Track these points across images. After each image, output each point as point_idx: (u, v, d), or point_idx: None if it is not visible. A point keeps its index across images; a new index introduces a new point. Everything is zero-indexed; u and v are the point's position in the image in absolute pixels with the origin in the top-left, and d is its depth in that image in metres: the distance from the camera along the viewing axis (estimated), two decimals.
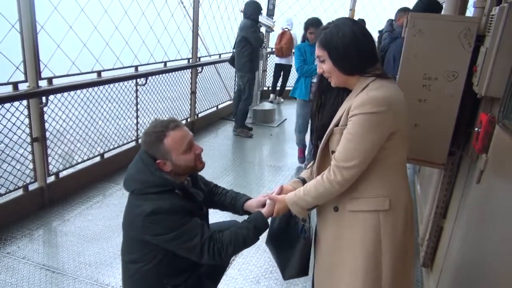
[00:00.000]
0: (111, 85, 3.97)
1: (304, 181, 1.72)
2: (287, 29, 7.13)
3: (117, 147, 4.23)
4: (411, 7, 3.49)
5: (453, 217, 2.26)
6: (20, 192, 3.17)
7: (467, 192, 2.04)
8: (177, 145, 1.60)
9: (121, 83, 4.10)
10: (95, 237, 2.96)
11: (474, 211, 1.85)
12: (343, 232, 1.52)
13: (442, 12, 2.76)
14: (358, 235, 1.48)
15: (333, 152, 1.46)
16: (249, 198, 1.90)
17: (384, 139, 1.38)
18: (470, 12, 2.98)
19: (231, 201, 1.93)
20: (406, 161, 1.54)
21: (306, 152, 4.48)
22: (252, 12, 5.28)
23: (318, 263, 1.67)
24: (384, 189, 1.45)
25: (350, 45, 1.39)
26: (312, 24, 4.08)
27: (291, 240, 1.73)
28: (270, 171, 4.57)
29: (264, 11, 7.02)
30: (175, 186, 1.63)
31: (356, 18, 6.41)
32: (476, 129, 1.81)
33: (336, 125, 1.44)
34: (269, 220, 1.72)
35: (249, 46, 5.26)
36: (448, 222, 2.41)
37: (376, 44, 2.84)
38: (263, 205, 1.75)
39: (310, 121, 4.01)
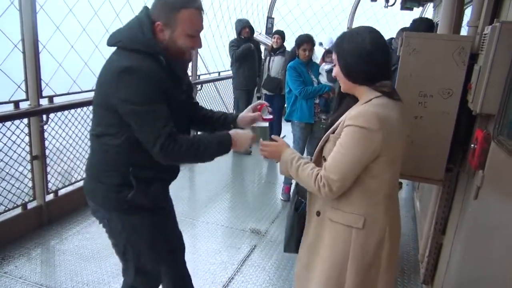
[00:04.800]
0: None
1: None
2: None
3: None
4: (405, 25, 3.59)
5: (452, 233, 2.26)
6: (18, 210, 3.16)
7: (465, 208, 2.04)
8: (190, 24, 1.50)
9: None
10: (93, 256, 2.94)
11: (473, 227, 1.85)
12: (320, 236, 1.56)
13: (438, 31, 2.82)
14: (330, 243, 1.52)
15: (324, 158, 1.49)
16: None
17: (368, 157, 1.38)
18: (465, 30, 3.04)
19: (222, 115, 1.84)
20: (394, 186, 1.52)
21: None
22: (236, 29, 5.45)
23: (299, 258, 1.71)
24: (361, 209, 1.45)
25: (358, 54, 1.39)
26: (307, 40, 3.84)
27: (291, 216, 1.78)
28: (270, 187, 4.57)
29: (263, 30, 7.15)
30: (160, 52, 1.49)
31: None
32: (472, 145, 1.83)
33: (333, 132, 1.47)
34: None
35: (236, 62, 5.38)
36: (447, 238, 2.41)
37: None
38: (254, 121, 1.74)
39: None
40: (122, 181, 1.59)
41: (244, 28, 5.36)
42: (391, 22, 8.89)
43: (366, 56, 1.39)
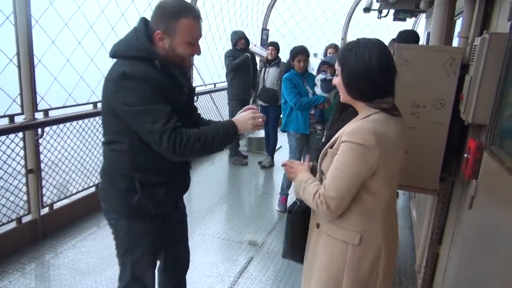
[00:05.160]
0: None
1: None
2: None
3: None
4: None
5: (448, 243, 2.26)
6: (13, 224, 3.14)
7: (461, 217, 2.05)
8: (189, 32, 1.55)
9: None
10: (88, 270, 2.92)
11: (468, 236, 1.86)
12: (318, 248, 1.56)
13: (429, 41, 2.85)
14: (326, 257, 1.51)
15: (322, 172, 1.49)
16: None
17: (366, 174, 1.36)
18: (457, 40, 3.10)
19: (218, 122, 1.84)
20: (391, 201, 1.51)
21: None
22: (231, 41, 5.50)
23: (304, 265, 1.70)
24: (358, 226, 1.44)
25: (361, 70, 1.36)
26: (301, 52, 3.88)
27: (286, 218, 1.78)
28: (266, 198, 4.56)
29: (258, 42, 7.21)
30: (154, 56, 1.53)
31: None
32: (465, 155, 1.85)
33: (331, 146, 1.45)
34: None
35: (231, 73, 5.42)
36: (443, 248, 2.41)
37: None
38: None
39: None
40: (128, 186, 1.63)
41: (240, 39, 5.42)
42: (384, 33, 9.01)
43: (372, 76, 1.36)
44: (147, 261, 1.81)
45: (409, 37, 3.38)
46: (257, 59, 6.02)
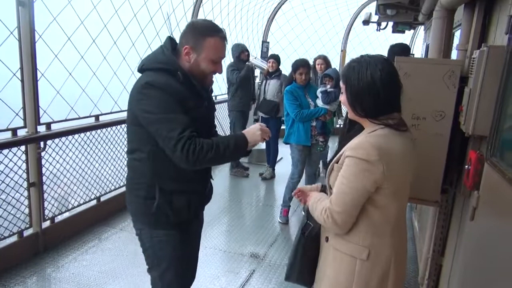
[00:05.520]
0: (109, 128, 4.03)
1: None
2: None
3: (114, 189, 4.22)
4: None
5: (451, 255, 2.25)
6: (14, 238, 3.13)
7: (463, 229, 2.05)
8: (214, 50, 1.66)
9: (118, 126, 4.17)
10: (89, 284, 2.90)
11: (471, 248, 1.85)
12: (327, 262, 1.55)
13: (428, 53, 2.88)
14: (334, 271, 1.50)
15: (330, 186, 1.49)
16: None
17: (370, 189, 1.36)
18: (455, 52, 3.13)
19: (229, 134, 1.93)
20: (400, 218, 1.49)
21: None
22: (233, 53, 5.54)
23: (316, 275, 1.68)
24: (366, 240, 1.43)
25: (365, 89, 1.36)
26: (302, 65, 3.89)
27: (297, 239, 1.72)
28: (268, 210, 4.55)
29: (258, 54, 7.27)
30: (177, 67, 1.64)
31: (348, 58, 6.54)
32: (466, 166, 1.85)
33: (337, 161, 1.46)
34: None
35: (233, 85, 5.44)
36: (446, 260, 2.39)
37: None
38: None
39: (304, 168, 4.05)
40: (148, 193, 1.71)
41: (243, 51, 5.47)
42: (384, 45, 9.08)
43: (374, 94, 1.36)
44: (175, 272, 1.85)
45: (400, 51, 3.45)
46: (257, 71, 6.08)
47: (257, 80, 6.69)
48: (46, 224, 3.39)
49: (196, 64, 1.68)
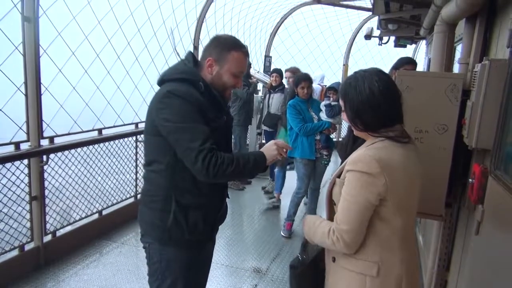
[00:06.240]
0: (111, 142, 4.04)
1: None
2: (325, 86, 7.15)
3: (116, 203, 4.21)
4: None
5: (457, 270, 2.21)
6: (15, 252, 3.11)
7: (468, 243, 2.02)
8: (236, 64, 1.68)
9: (121, 140, 4.18)
10: None
11: (476, 263, 1.82)
12: (336, 283, 1.50)
13: (430, 67, 2.89)
14: None
15: (333, 202, 1.45)
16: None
17: (374, 202, 1.32)
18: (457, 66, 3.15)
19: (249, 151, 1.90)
20: (409, 232, 1.45)
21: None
22: None
23: None
24: (375, 256, 1.38)
25: (364, 102, 1.34)
26: (304, 79, 3.92)
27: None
28: (270, 224, 4.51)
29: (261, 68, 7.31)
30: (199, 78, 1.65)
31: (349, 72, 6.55)
32: (470, 180, 1.84)
33: (338, 176, 1.43)
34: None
35: (239, 100, 5.46)
36: (451, 275, 2.36)
37: None
38: None
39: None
40: (164, 206, 1.67)
41: (249, 66, 5.51)
42: (386, 59, 9.14)
43: (375, 107, 1.34)
44: None
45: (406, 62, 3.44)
46: (259, 85, 6.11)
47: (260, 94, 6.73)
48: (48, 238, 3.37)
49: (218, 76, 1.70)
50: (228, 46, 1.68)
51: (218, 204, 1.83)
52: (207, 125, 1.59)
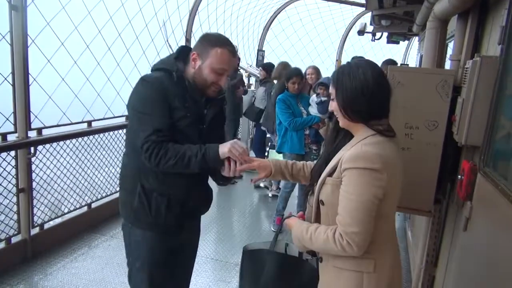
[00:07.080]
0: (101, 134, 3.99)
1: None
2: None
3: (105, 196, 4.17)
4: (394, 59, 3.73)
5: (444, 266, 2.23)
6: (2, 245, 3.07)
7: (456, 239, 2.03)
8: (218, 60, 1.68)
9: (111, 132, 4.13)
10: None
11: (464, 259, 1.84)
12: (329, 283, 1.46)
13: (422, 64, 2.90)
14: None
15: (321, 201, 1.40)
16: None
17: (380, 198, 1.28)
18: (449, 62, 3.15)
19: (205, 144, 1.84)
20: (394, 222, 1.46)
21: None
22: None
23: None
24: (371, 252, 1.34)
25: (358, 90, 1.31)
26: (296, 74, 3.90)
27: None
28: (260, 218, 4.52)
29: (254, 62, 7.30)
30: (174, 68, 1.68)
31: None
32: (459, 176, 1.84)
33: (330, 174, 1.39)
34: None
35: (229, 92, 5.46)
36: (439, 270, 2.38)
37: None
38: None
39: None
40: (132, 187, 1.74)
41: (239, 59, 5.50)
42: (378, 55, 9.16)
43: (368, 94, 1.31)
44: (145, 275, 1.82)
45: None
46: (252, 79, 6.10)
47: (253, 88, 6.71)
48: (35, 230, 3.33)
49: (199, 70, 1.70)
50: (214, 42, 1.70)
51: (185, 196, 1.79)
52: (172, 114, 1.64)
